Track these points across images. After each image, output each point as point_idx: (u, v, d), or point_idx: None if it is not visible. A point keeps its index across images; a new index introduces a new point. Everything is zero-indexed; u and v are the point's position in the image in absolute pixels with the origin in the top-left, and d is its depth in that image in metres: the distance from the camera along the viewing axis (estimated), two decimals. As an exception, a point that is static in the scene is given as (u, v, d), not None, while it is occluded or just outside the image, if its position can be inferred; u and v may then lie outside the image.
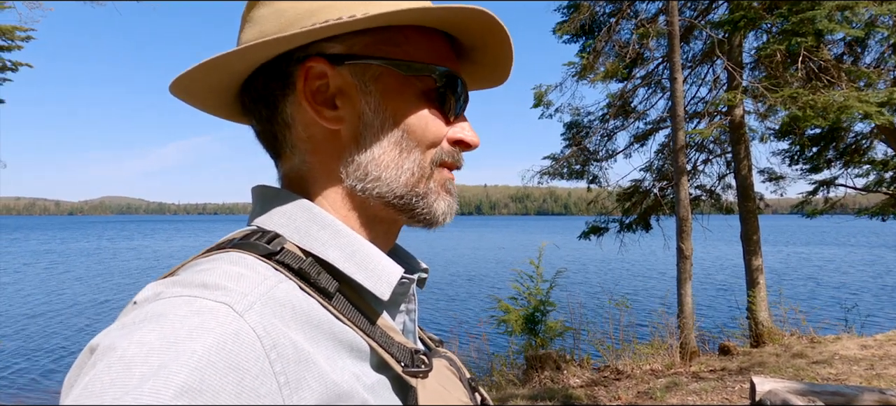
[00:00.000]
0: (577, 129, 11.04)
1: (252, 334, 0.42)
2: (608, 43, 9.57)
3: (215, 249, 0.54)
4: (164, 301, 0.43)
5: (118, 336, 0.40)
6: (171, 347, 0.39)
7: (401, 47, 0.60)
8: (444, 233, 17.24)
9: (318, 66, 0.58)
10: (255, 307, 0.45)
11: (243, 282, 0.47)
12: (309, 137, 0.61)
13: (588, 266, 27.47)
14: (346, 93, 0.59)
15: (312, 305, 0.50)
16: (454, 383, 0.62)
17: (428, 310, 17.46)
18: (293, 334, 0.46)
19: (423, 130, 0.60)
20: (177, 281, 0.47)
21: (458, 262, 34.98)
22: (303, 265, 0.53)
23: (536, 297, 7.73)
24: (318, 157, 0.61)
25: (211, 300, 0.43)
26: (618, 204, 11.31)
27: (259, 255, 0.52)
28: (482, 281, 24.29)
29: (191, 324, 0.41)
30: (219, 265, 0.49)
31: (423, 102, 0.61)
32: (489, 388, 6.62)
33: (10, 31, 10.78)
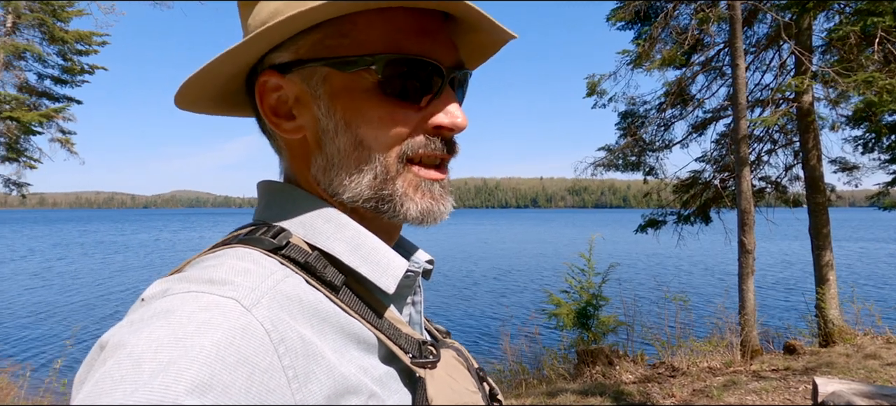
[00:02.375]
0: (633, 118, 10.73)
1: (260, 329, 0.42)
2: (665, 29, 9.24)
3: (221, 245, 0.54)
4: (172, 297, 0.43)
5: (127, 333, 0.41)
6: (180, 343, 0.39)
7: (348, 38, 0.55)
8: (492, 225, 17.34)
9: (271, 80, 0.58)
10: (263, 301, 0.44)
11: (250, 277, 0.46)
12: (285, 146, 0.61)
13: (644, 260, 26.76)
14: (301, 100, 0.58)
15: (319, 299, 0.50)
16: (462, 373, 0.61)
17: (476, 303, 17.50)
18: (301, 328, 0.46)
19: (376, 129, 0.56)
20: (184, 277, 0.47)
21: (508, 255, 34.81)
22: (309, 259, 0.53)
23: (588, 291, 7.59)
24: (295, 163, 0.61)
25: (218, 295, 0.43)
26: (676, 196, 10.93)
27: (265, 249, 0.52)
28: (533, 274, 24.09)
29: (199, 319, 0.41)
30: (225, 261, 0.49)
31: (376, 97, 0.55)
32: (539, 381, 6.57)
33: (87, 36, 11.46)
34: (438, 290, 20.41)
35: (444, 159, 0.61)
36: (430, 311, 2.93)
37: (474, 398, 0.59)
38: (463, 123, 0.58)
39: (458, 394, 0.56)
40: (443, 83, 0.57)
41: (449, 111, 0.57)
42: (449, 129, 0.58)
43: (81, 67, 11.67)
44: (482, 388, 0.66)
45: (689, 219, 10.70)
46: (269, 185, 0.63)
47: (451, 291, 20.12)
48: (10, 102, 10.37)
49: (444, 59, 0.58)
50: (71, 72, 11.57)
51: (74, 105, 11.81)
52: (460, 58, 0.61)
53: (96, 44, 11.70)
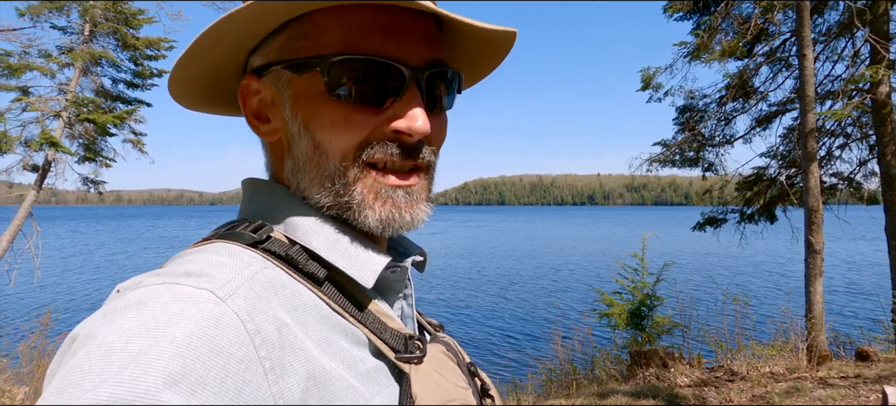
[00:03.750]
0: (691, 112, 10.36)
1: (235, 319, 0.41)
2: (726, 18, 8.86)
3: (202, 242, 0.54)
4: (145, 289, 0.43)
5: (99, 324, 0.40)
6: (151, 333, 0.38)
7: (310, 39, 0.54)
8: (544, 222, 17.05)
9: (252, 84, 0.59)
10: (240, 292, 0.44)
11: (227, 269, 0.46)
12: (269, 146, 0.63)
13: (702, 259, 25.80)
14: (274, 103, 0.59)
15: (301, 290, 0.50)
16: (450, 368, 0.61)
17: (526, 304, 17.36)
18: (281, 316, 0.45)
19: (331, 132, 0.54)
20: (160, 271, 0.46)
21: (561, 253, 34.32)
22: (290, 252, 0.52)
23: (642, 291, 7.39)
24: (275, 164, 0.62)
25: (192, 287, 0.43)
26: (738, 193, 10.48)
27: (245, 243, 0.51)
28: (584, 273, 23.68)
29: (172, 310, 0.40)
30: (202, 255, 0.48)
31: (332, 100, 0.54)
32: (590, 382, 6.46)
33: (157, 42, 12.07)
34: (477, 289, 20.39)
35: (420, 166, 0.58)
36: (469, 309, 2.95)
37: (463, 394, 0.58)
38: (421, 128, 0.54)
39: (444, 390, 0.56)
40: (404, 84, 0.54)
41: (409, 115, 0.54)
42: (407, 134, 0.54)
43: (151, 72, 12.31)
44: (473, 383, 0.65)
45: (752, 217, 10.24)
46: (253, 183, 0.63)
47: (494, 290, 20.05)
48: (87, 106, 11.07)
49: (411, 57, 0.54)
50: (142, 76, 12.22)
51: (145, 107, 12.47)
52: (435, 56, 0.57)
53: (165, 49, 12.32)
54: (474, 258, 32.45)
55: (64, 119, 10.64)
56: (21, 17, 9.97)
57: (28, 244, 10.28)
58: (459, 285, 20.98)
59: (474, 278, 23.08)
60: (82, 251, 35.85)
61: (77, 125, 10.86)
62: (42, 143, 10.20)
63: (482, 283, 21.41)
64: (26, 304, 14.15)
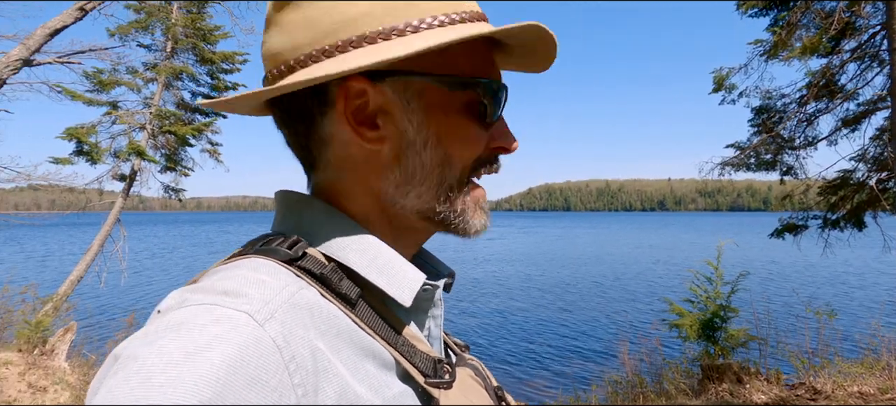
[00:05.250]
0: (769, 113, 9.79)
1: (272, 345, 0.42)
2: (806, 13, 8.34)
3: (237, 255, 0.54)
4: (184, 309, 0.43)
5: (140, 345, 0.40)
6: (189, 358, 0.38)
7: (443, 57, 0.56)
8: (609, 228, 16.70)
9: (358, 85, 0.56)
10: (277, 315, 0.44)
11: (265, 289, 0.46)
12: (347, 156, 0.59)
13: (781, 269, 24.33)
14: (387, 111, 0.57)
15: (335, 313, 0.50)
16: (478, 392, 0.61)
17: (588, 313, 16.95)
18: (315, 342, 0.46)
19: (464, 146, 0.59)
20: (199, 288, 0.46)
21: (627, 261, 33.34)
22: (324, 271, 0.52)
23: (715, 302, 7.05)
24: (355, 174, 0.59)
25: (231, 308, 0.43)
26: (822, 198, 9.80)
27: (280, 260, 0.51)
28: (653, 281, 22.88)
29: (210, 333, 0.40)
30: (239, 272, 0.48)
31: (465, 116, 0.58)
32: (658, 395, 6.22)
33: (231, 56, 12.72)
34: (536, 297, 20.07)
35: (495, 173, 0.65)
36: (525, 318, 2.90)
37: None
38: (517, 146, 0.63)
39: None
40: (503, 108, 0.62)
41: (508, 134, 0.63)
42: (506, 150, 0.63)
43: (226, 85, 12.98)
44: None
45: (837, 223, 9.53)
46: (287, 196, 0.62)
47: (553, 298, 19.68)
48: (169, 118, 11.80)
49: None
50: (218, 89, 12.91)
51: (221, 119, 13.15)
52: None
53: (239, 62, 12.97)
54: (533, 265, 32.08)
55: (148, 131, 11.39)
56: (111, 36, 10.76)
57: (116, 248, 11.05)
58: (515, 293, 20.80)
59: (531, 286, 22.82)
60: (155, 254, 38.44)
61: (160, 137, 11.59)
62: (129, 153, 10.95)
63: (541, 291, 21.12)
64: (114, 305, 15.19)
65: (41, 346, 7.03)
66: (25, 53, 8.45)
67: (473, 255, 36.49)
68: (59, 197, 11.77)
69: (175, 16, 11.72)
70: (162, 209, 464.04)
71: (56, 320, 7.81)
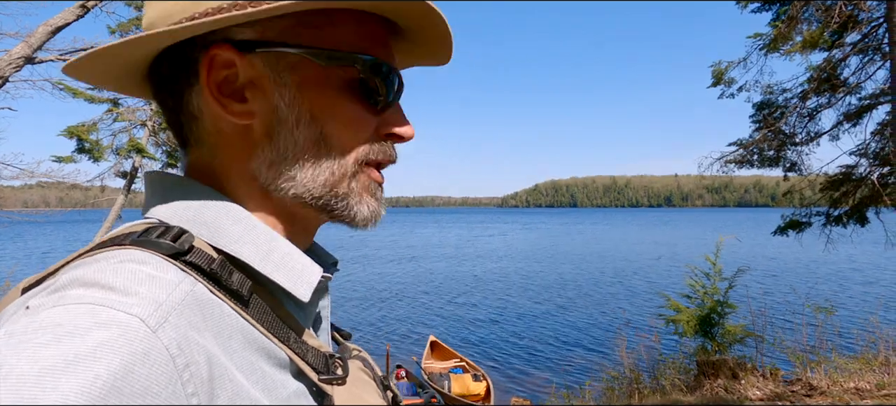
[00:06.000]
0: (770, 108, 9.71)
1: (165, 354, 0.38)
2: (808, 7, 8.26)
3: (111, 245, 0.46)
4: (62, 308, 0.37)
5: (6, 349, 0.34)
6: (69, 367, 0.33)
7: (322, 31, 0.53)
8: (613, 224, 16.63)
9: (224, 54, 0.51)
10: (171, 319, 0.40)
11: (155, 286, 0.41)
12: (217, 131, 0.54)
13: (781, 265, 24.20)
14: (257, 84, 0.53)
15: (227, 312, 0.46)
16: (369, 386, 0.60)
17: (588, 308, 16.92)
18: (210, 347, 0.42)
19: (344, 127, 0.54)
20: (75, 280, 0.41)
21: (629, 257, 33.25)
22: (213, 266, 0.47)
23: (713, 297, 7.02)
24: (227, 152, 0.55)
25: (120, 310, 0.38)
26: (824, 194, 9.71)
27: (164, 253, 0.45)
28: (654, 277, 22.82)
29: (95, 339, 0.35)
30: (125, 265, 0.42)
31: (346, 95, 0.54)
32: (653, 391, 6.20)
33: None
34: (535, 292, 20.07)
35: (392, 163, 0.62)
36: (525, 311, 2.90)
37: None
38: (413, 134, 0.60)
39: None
40: (399, 93, 0.59)
41: (402, 120, 0.59)
42: (400, 137, 0.59)
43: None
44: (386, 397, 0.64)
45: (839, 219, 9.45)
46: (163, 178, 0.56)
47: (552, 294, 19.65)
48: (170, 115, 11.87)
49: (397, 68, 0.60)
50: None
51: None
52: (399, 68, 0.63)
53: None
54: (533, 262, 32.03)
55: (149, 128, 11.44)
56: (112, 34, 10.79)
57: (118, 244, 11.12)
58: (514, 289, 20.79)
59: (531, 282, 22.81)
60: None
61: (161, 134, 11.64)
62: (130, 150, 11.01)
63: (540, 288, 21.12)
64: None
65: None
66: (28, 51, 8.50)
67: (475, 252, 36.48)
68: (66, 194, 11.85)
69: (176, 13, 11.79)
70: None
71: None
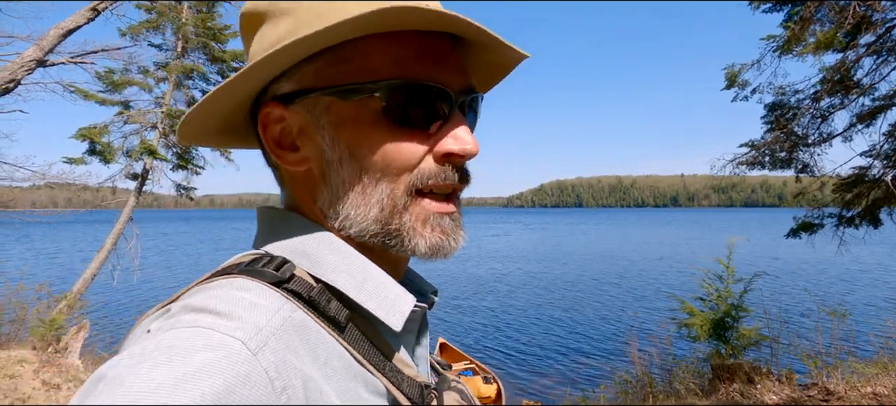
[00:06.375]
0: (782, 110, 9.65)
1: (264, 377, 0.41)
2: (821, 8, 8.20)
3: (222, 274, 0.51)
4: (176, 332, 0.42)
5: (126, 368, 0.39)
6: (178, 386, 0.37)
7: (351, 64, 0.53)
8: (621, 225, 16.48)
9: (274, 111, 0.56)
10: (270, 343, 0.43)
11: (257, 312, 0.44)
12: (291, 177, 0.60)
13: (794, 267, 24.05)
14: (305, 131, 0.56)
15: (325, 338, 0.48)
16: None
17: (599, 307, 16.87)
18: (307, 371, 0.44)
19: (384, 159, 0.53)
20: (189, 306, 0.45)
21: (637, 258, 33.15)
22: (312, 293, 0.50)
23: (726, 301, 6.98)
24: (300, 194, 0.60)
25: (224, 334, 0.41)
26: (836, 195, 9.64)
27: (268, 282, 0.49)
28: (663, 279, 22.73)
29: (201, 360, 0.39)
30: (231, 292, 0.46)
31: (382, 125, 0.53)
32: (667, 395, 6.17)
33: (241, 54, 12.69)
34: (541, 295, 20.00)
35: (456, 189, 0.58)
36: (531, 315, 2.87)
37: None
38: (474, 149, 0.55)
39: None
40: (451, 109, 0.55)
41: (458, 136, 0.55)
42: (459, 155, 0.55)
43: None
44: None
45: (852, 221, 9.38)
46: (271, 213, 0.61)
47: (558, 296, 19.58)
48: (180, 117, 11.88)
49: (453, 83, 0.56)
50: (228, 87, 12.98)
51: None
52: (470, 82, 0.59)
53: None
54: (536, 262, 31.97)
55: (160, 130, 11.48)
56: (123, 36, 10.84)
57: (129, 246, 11.16)
58: (519, 291, 20.76)
59: (535, 283, 22.77)
60: (165, 250, 38.98)
61: (171, 135, 11.67)
62: (141, 152, 11.04)
63: (545, 289, 21.07)
64: (126, 303, 15.35)
65: (55, 343, 7.12)
66: (39, 54, 8.54)
67: (478, 252, 36.42)
68: (74, 195, 11.91)
69: (185, 15, 11.79)
70: (174, 207, 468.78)
71: (69, 318, 7.91)
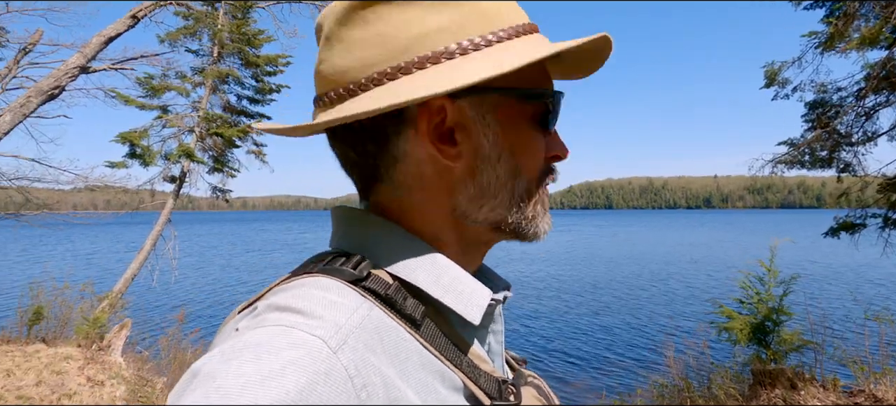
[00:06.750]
0: (824, 108, 9.38)
1: (344, 374, 0.43)
2: (865, 3, 7.93)
3: (303, 273, 0.53)
4: (262, 330, 0.44)
5: (218, 364, 0.42)
6: (265, 382, 0.39)
7: (521, 71, 0.55)
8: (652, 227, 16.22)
9: (438, 103, 0.56)
10: (349, 341, 0.44)
11: (337, 311, 0.46)
12: (420, 174, 0.58)
13: (837, 270, 23.29)
14: (464, 126, 0.57)
15: (402, 336, 0.50)
16: None
17: (631, 310, 16.62)
18: (385, 369, 0.46)
19: (531, 157, 0.60)
20: (273, 305, 0.47)
21: (670, 260, 32.59)
22: (389, 291, 0.51)
23: (767, 304, 6.79)
24: (426, 191, 0.59)
25: (307, 332, 0.44)
26: (882, 195, 9.32)
27: (346, 280, 0.51)
28: (698, 282, 22.27)
29: (286, 358, 0.41)
30: (312, 291, 0.48)
31: (534, 127, 0.60)
32: (705, 401, 6.04)
33: (275, 59, 12.97)
34: (576, 297, 19.79)
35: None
36: (567, 318, 2.83)
37: None
38: (569, 153, 0.65)
39: None
40: (557, 118, 0.64)
41: (562, 142, 0.65)
42: (560, 158, 0.64)
43: (270, 87, 13.27)
44: None
45: (899, 222, 9.05)
46: (347, 212, 0.62)
47: (592, 299, 19.34)
48: (216, 121, 12.14)
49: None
50: (262, 91, 13.20)
51: (265, 120, 13.43)
52: None
53: (282, 65, 13.23)
54: (566, 265, 31.66)
55: (196, 133, 11.75)
56: (161, 43, 11.14)
57: (167, 247, 11.45)
58: (549, 293, 20.58)
59: (563, 286, 22.54)
60: (194, 252, 39.98)
61: (207, 139, 11.94)
62: (179, 155, 11.32)
63: (574, 292, 20.85)
64: (164, 302, 15.73)
65: (98, 341, 7.34)
66: (82, 61, 8.83)
67: (506, 255, 36.29)
68: (113, 197, 12.26)
69: (221, 21, 12.04)
70: (209, 209, 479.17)
71: (111, 317, 8.15)
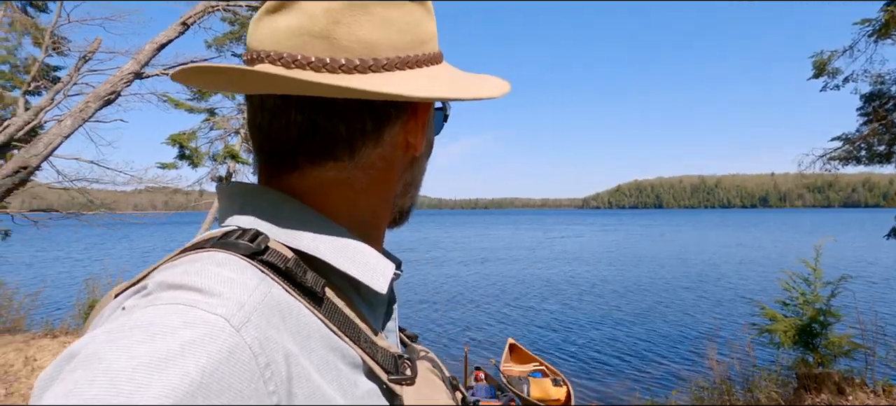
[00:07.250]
0: (881, 100, 8.89)
1: (248, 352, 0.40)
2: (925, -12, 7.48)
3: (193, 249, 0.49)
4: (154, 308, 0.40)
5: (104, 343, 0.37)
6: (160, 364, 0.36)
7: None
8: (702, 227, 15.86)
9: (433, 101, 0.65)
10: (252, 319, 0.42)
11: (236, 287, 0.43)
12: (385, 158, 0.58)
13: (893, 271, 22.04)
14: (425, 124, 0.63)
15: (302, 312, 0.48)
16: (438, 386, 0.61)
17: (675, 311, 16.18)
18: (288, 346, 0.44)
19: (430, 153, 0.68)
20: (165, 282, 0.43)
21: (716, 261, 31.52)
22: (288, 264, 0.49)
23: (813, 306, 6.51)
24: (381, 175, 0.59)
25: (205, 311, 0.40)
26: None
27: (242, 254, 0.47)
28: (745, 283, 21.49)
29: (183, 338, 0.38)
30: (208, 266, 0.45)
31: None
32: (747, 403, 5.84)
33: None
34: (615, 298, 19.37)
35: None
36: (606, 319, 2.86)
37: None
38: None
39: None
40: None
41: None
42: None
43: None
44: (455, 397, 0.65)
45: (966, 221, 8.49)
46: (243, 187, 0.58)
47: (630, 300, 18.89)
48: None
49: None
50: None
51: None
52: None
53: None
54: (613, 265, 31.04)
55: (242, 135, 12.16)
56: (209, 48, 11.57)
57: (215, 244, 11.89)
58: (587, 293, 20.25)
59: (606, 286, 22.14)
60: None
61: (252, 140, 12.34)
62: (225, 156, 11.75)
63: (615, 292, 20.45)
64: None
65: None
66: (136, 67, 9.26)
67: (550, 254, 35.84)
68: (170, 198, 12.85)
69: (265, 26, 12.43)
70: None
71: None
